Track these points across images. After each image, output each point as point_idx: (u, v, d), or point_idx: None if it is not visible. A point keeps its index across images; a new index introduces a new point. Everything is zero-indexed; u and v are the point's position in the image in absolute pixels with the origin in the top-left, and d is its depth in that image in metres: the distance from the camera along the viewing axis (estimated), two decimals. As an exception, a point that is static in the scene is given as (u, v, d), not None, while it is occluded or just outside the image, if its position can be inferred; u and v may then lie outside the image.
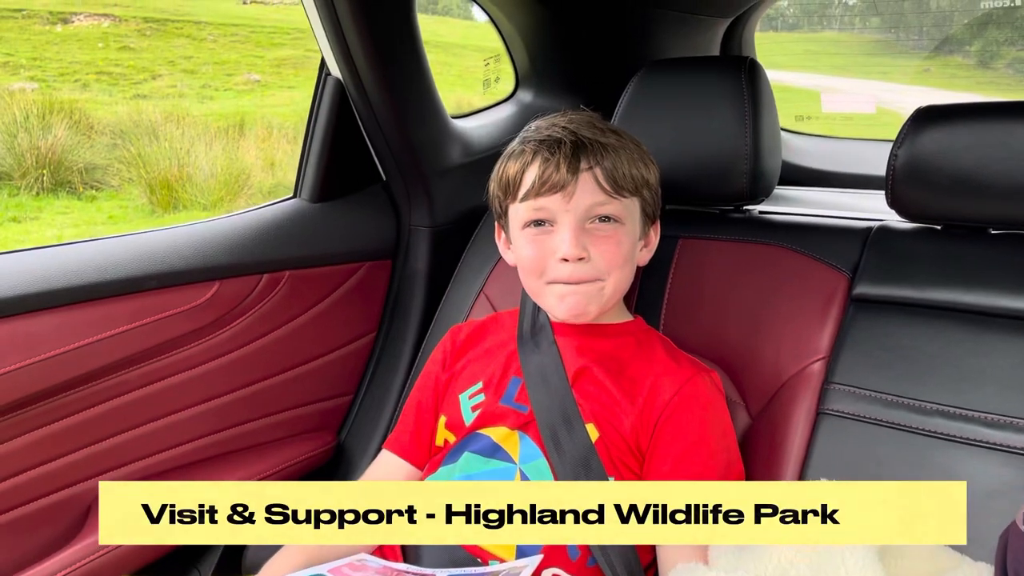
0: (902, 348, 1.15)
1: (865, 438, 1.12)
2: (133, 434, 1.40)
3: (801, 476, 1.14)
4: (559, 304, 1.14)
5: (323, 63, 1.54)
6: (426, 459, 1.23)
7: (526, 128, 1.19)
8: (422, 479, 1.20)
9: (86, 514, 1.36)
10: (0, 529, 1.29)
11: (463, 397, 1.20)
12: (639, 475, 1.10)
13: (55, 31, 9.90)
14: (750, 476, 1.16)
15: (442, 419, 1.21)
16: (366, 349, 1.68)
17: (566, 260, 1.11)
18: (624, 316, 1.23)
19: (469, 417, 1.17)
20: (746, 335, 1.28)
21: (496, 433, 1.14)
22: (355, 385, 1.68)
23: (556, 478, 1.09)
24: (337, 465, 1.63)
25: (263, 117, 7.91)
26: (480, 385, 1.20)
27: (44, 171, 6.17)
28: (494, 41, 1.93)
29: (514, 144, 1.19)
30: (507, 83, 1.97)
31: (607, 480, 1.08)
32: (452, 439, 1.19)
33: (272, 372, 1.54)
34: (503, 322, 1.29)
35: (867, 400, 1.14)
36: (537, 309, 1.23)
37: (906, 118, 1.23)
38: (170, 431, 1.43)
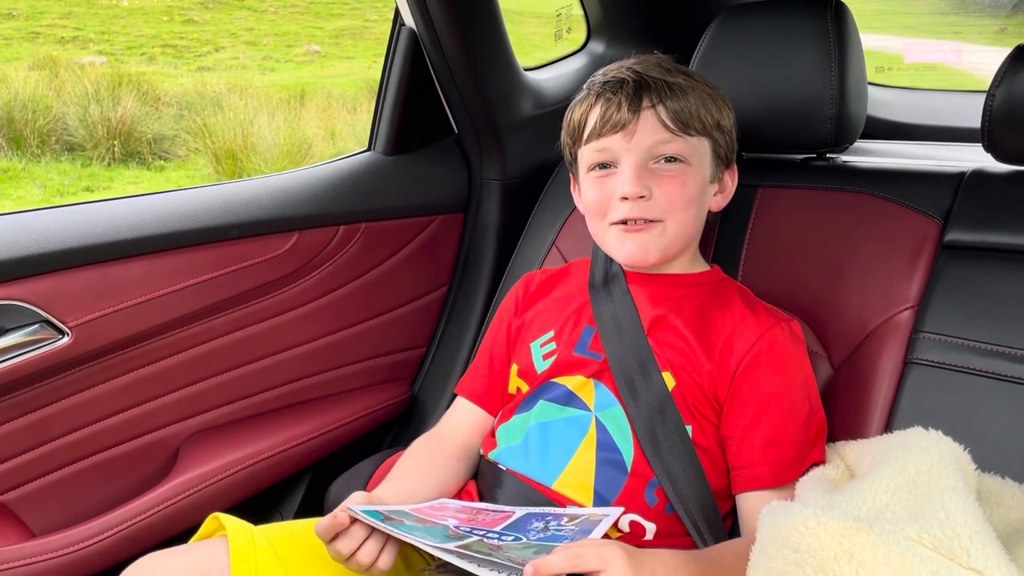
0: (998, 296, 1.11)
1: (957, 387, 1.09)
2: (216, 381, 1.44)
3: (888, 427, 1.12)
4: (620, 248, 1.12)
5: (397, 13, 1.53)
6: (500, 406, 1.23)
7: (594, 74, 1.18)
8: (496, 427, 1.20)
9: (173, 457, 1.40)
10: (91, 470, 1.35)
11: (534, 346, 1.20)
12: (717, 425, 1.09)
13: (121, 5, 10.13)
14: (833, 427, 1.13)
15: (514, 367, 1.21)
16: (439, 302, 1.70)
17: (626, 199, 1.09)
18: (699, 265, 1.21)
19: (541, 365, 1.17)
20: (829, 284, 1.25)
21: (571, 382, 1.14)
22: (428, 338, 1.69)
23: (632, 426, 1.08)
24: (410, 417, 1.66)
25: (323, 87, 8.00)
26: (551, 334, 1.19)
27: (115, 142, 6.35)
28: (551, 7, 1.90)
29: (581, 90, 1.18)
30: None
31: (684, 427, 1.07)
32: (525, 387, 1.18)
33: (348, 323, 1.56)
34: (575, 271, 1.28)
35: (959, 349, 1.10)
36: (610, 259, 1.21)
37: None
38: (252, 379, 1.47)
